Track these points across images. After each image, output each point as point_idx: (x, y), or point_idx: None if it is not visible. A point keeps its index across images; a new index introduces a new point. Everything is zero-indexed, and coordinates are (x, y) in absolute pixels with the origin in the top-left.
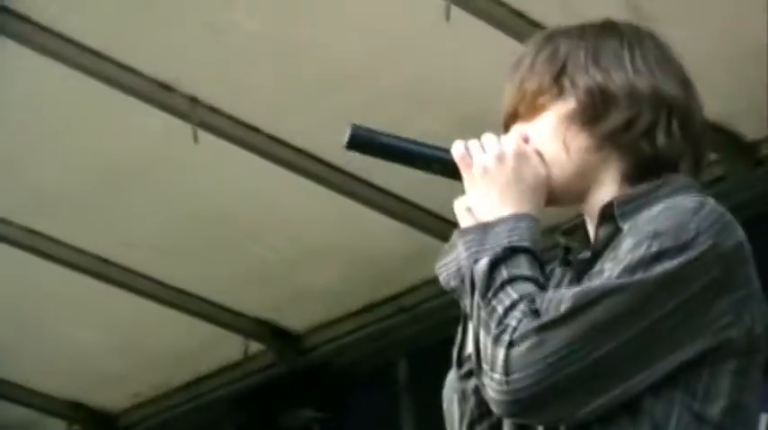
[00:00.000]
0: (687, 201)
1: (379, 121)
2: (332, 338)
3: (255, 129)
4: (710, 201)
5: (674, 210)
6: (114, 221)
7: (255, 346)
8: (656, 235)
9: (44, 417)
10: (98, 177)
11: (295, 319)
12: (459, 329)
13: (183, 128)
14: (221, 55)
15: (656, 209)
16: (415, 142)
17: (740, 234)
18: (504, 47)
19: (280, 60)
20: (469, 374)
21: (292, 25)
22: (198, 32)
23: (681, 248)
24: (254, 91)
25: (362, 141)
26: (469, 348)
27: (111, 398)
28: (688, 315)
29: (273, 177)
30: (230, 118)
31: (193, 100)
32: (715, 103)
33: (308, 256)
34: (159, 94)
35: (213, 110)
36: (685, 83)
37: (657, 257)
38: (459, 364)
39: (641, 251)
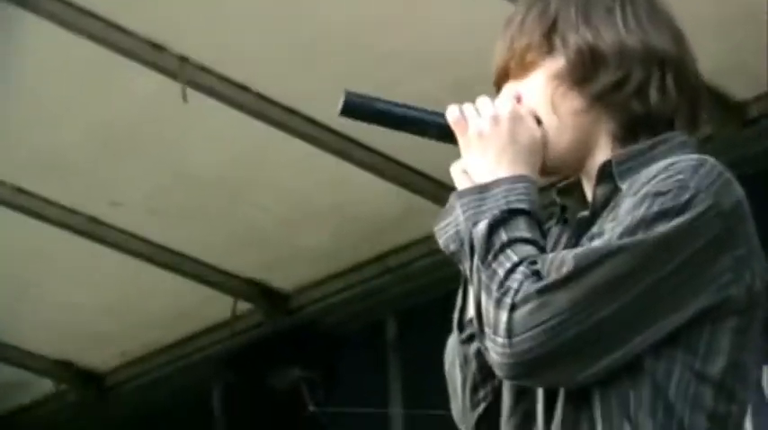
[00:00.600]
0: (686, 159)
1: (372, 84)
2: (320, 298)
3: (246, 89)
4: (709, 160)
5: (673, 170)
6: (105, 182)
7: (244, 306)
8: (656, 195)
9: (32, 377)
10: (89, 138)
11: (283, 279)
12: (460, 293)
13: (173, 88)
14: (211, 15)
15: (655, 168)
16: (410, 107)
17: (739, 192)
18: (497, 8)
19: (272, 21)
20: (471, 338)
21: None
22: None
23: (681, 208)
24: (245, 51)
25: (356, 108)
26: (470, 312)
27: (100, 357)
28: (689, 274)
29: (263, 137)
30: (220, 77)
31: (183, 59)
32: (703, 64)
33: (297, 217)
34: (149, 54)
35: (203, 69)
36: (678, 37)
37: (658, 217)
38: (461, 328)
39: (641, 211)
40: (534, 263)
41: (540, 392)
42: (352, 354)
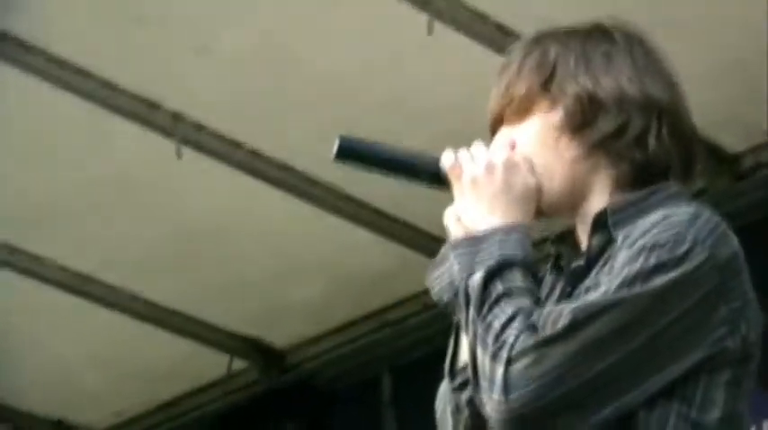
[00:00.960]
0: (682, 210)
1: (364, 135)
2: (315, 354)
3: (239, 145)
4: (705, 211)
5: (670, 221)
6: (96, 238)
7: (238, 363)
8: (652, 247)
9: None
10: (81, 194)
11: (278, 335)
12: (451, 340)
13: (166, 145)
14: (205, 71)
15: (651, 219)
16: (404, 152)
17: (735, 244)
18: (487, 59)
19: (263, 76)
20: (463, 386)
21: (276, 42)
22: (182, 51)
23: (678, 261)
24: (237, 107)
25: (351, 152)
26: (462, 359)
27: (94, 416)
28: (686, 327)
29: (256, 192)
30: (213, 134)
31: (176, 117)
32: (697, 116)
33: (291, 271)
34: (143, 112)
35: (196, 126)
36: (673, 85)
37: (655, 270)
38: (453, 376)
39: (638, 264)
40: (531, 315)
41: None
42: (347, 410)
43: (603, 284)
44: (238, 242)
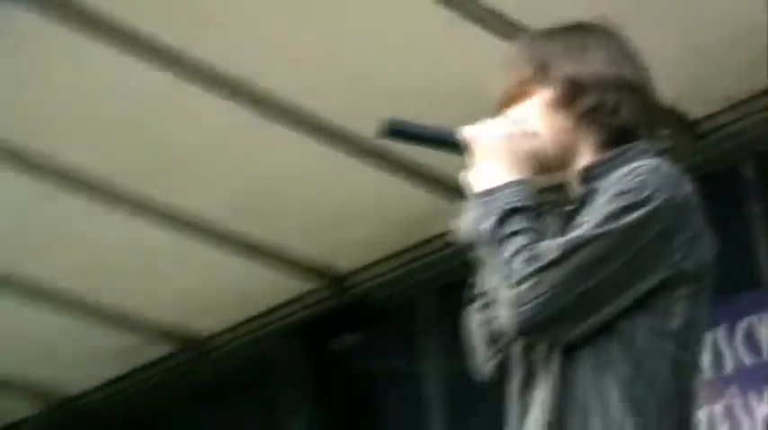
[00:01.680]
0: (646, 163)
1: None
2: (370, 278)
3: (302, 112)
4: (665, 164)
5: (636, 172)
6: (212, 186)
7: (310, 286)
8: (622, 193)
9: (142, 343)
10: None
11: (341, 263)
12: (477, 272)
13: (242, 112)
14: (276, 41)
15: (622, 171)
16: (435, 128)
17: (688, 187)
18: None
19: (320, 51)
20: (486, 306)
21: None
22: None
23: (642, 203)
24: (296, 76)
25: (396, 131)
26: (485, 287)
27: (204, 325)
28: (650, 253)
29: (321, 156)
30: (284, 106)
31: (242, 84)
32: (666, 89)
33: (350, 215)
34: (222, 83)
35: (267, 95)
36: (641, 69)
37: (624, 211)
38: (478, 298)
39: (612, 206)
40: (532, 249)
41: (539, 349)
42: (395, 323)
43: (586, 223)
44: (306, 196)
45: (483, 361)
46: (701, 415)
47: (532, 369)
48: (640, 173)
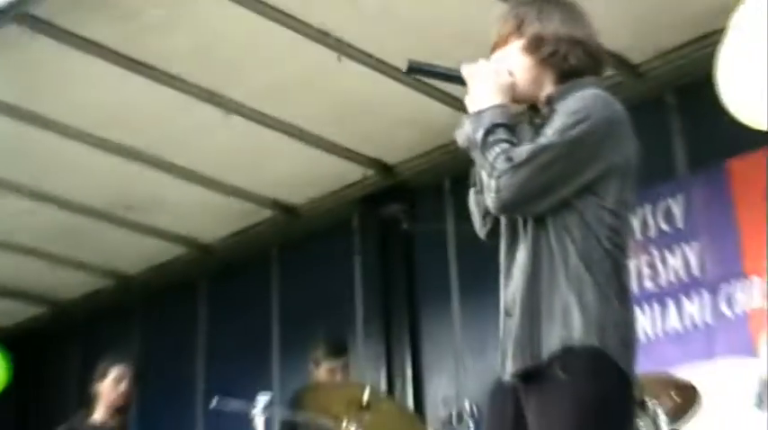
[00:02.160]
0: (589, 92)
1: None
2: (412, 167)
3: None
4: (603, 93)
5: (582, 97)
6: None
7: (370, 172)
8: (572, 113)
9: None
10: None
11: (390, 155)
12: (474, 166)
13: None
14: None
15: (573, 97)
16: (444, 67)
17: (620, 108)
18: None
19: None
20: (479, 191)
21: None
22: None
23: (585, 118)
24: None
25: (415, 68)
26: (478, 177)
27: (300, 197)
28: (590, 154)
29: (382, 82)
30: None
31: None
32: (614, 39)
33: (397, 124)
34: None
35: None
36: (588, 26)
37: (573, 125)
38: (475, 185)
39: (564, 121)
40: (509, 152)
41: (520, 220)
42: (430, 200)
43: (546, 134)
44: (371, 112)
45: (480, 228)
46: (631, 265)
47: (515, 235)
48: (585, 98)
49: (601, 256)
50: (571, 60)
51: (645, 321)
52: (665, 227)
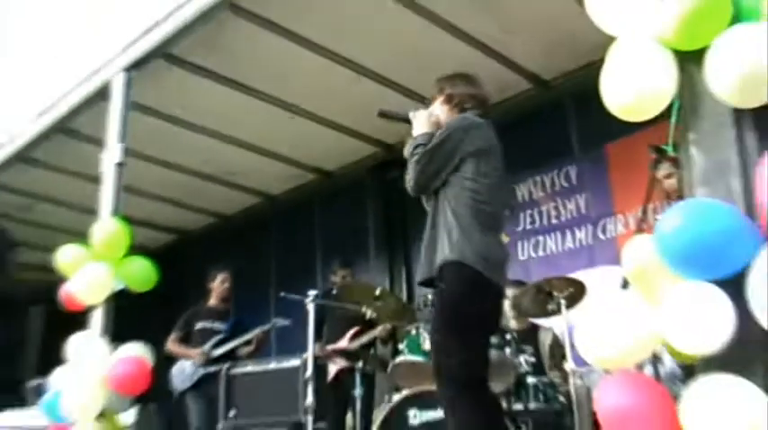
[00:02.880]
0: (459, 117)
1: None
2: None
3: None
4: (469, 116)
5: (451, 120)
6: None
7: (377, 148)
8: (444, 129)
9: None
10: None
11: (391, 137)
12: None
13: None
14: None
15: (449, 123)
16: (401, 114)
17: (473, 121)
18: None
19: None
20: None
21: None
22: None
23: (444, 131)
24: None
25: (383, 114)
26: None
27: (334, 163)
28: (452, 148)
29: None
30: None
31: None
32: (529, 61)
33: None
34: None
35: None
36: (480, 87)
37: (440, 135)
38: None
39: (438, 135)
40: (418, 158)
41: (430, 197)
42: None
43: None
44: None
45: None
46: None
47: (429, 200)
48: (453, 119)
49: (464, 209)
50: (466, 105)
51: (551, 244)
52: (565, 184)
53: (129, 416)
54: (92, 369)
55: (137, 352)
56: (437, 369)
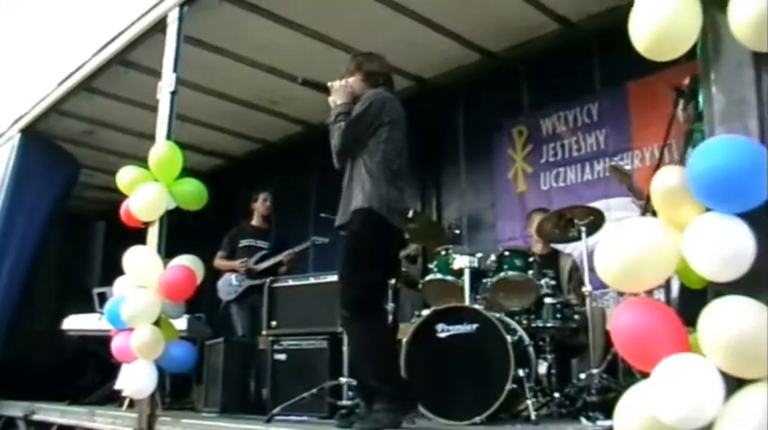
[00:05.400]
0: (375, 92)
1: None
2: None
3: None
4: (382, 93)
5: (368, 96)
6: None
7: (412, 82)
8: (360, 104)
9: None
10: None
11: (426, 72)
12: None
13: None
14: None
15: (368, 95)
16: (321, 82)
17: (386, 95)
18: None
19: None
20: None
21: None
22: None
23: (366, 105)
24: None
25: (306, 82)
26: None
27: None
28: (370, 121)
29: None
30: None
31: None
32: (558, 5)
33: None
34: None
35: None
36: (385, 65)
37: (359, 109)
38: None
39: (358, 108)
40: (341, 127)
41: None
42: (435, 102)
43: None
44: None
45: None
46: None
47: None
48: (369, 95)
49: (376, 167)
50: (379, 81)
51: (571, 175)
52: (586, 120)
53: (181, 322)
54: (147, 279)
55: (186, 262)
56: (341, 296)
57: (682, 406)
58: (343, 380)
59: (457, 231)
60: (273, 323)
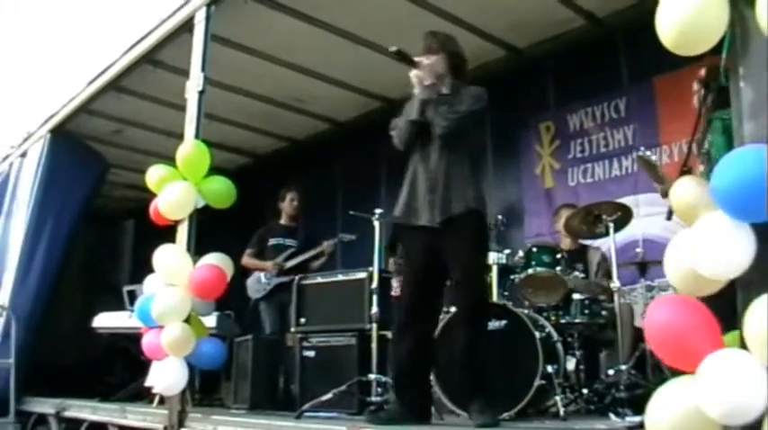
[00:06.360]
0: (479, 89)
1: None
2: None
3: None
4: (485, 94)
5: (477, 90)
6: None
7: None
8: (474, 96)
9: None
10: None
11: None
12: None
13: None
14: None
15: (470, 87)
16: (411, 57)
17: (486, 94)
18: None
19: None
20: (414, 123)
21: None
22: None
23: (480, 100)
24: None
25: (398, 53)
26: (418, 115)
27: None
28: (480, 118)
29: None
30: None
31: None
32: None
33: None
34: None
35: None
36: (460, 49)
37: (475, 102)
38: (413, 118)
39: (472, 99)
40: (454, 107)
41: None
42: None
43: (465, 104)
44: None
45: (403, 142)
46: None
47: (433, 143)
48: (479, 91)
49: (471, 162)
50: (462, 68)
51: (599, 171)
52: (614, 115)
53: (211, 320)
54: (177, 277)
55: (216, 261)
56: (466, 296)
57: (729, 400)
58: (372, 376)
59: (502, 228)
60: (302, 320)
